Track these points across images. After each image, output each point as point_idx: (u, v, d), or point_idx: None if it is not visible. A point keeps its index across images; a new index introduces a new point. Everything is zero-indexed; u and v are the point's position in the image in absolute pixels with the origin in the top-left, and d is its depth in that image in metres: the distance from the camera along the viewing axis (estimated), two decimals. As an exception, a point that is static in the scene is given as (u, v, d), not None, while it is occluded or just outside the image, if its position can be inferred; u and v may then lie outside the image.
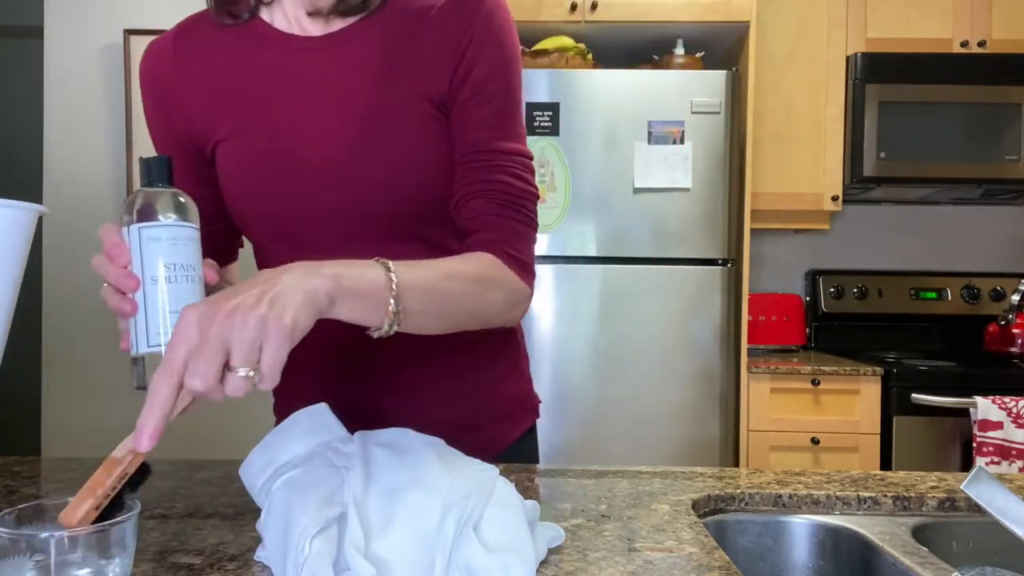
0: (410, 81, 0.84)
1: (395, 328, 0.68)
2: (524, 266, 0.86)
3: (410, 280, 0.69)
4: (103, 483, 0.55)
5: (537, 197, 0.89)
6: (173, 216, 0.66)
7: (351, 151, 0.84)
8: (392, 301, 0.66)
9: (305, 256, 0.88)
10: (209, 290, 0.69)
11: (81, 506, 0.54)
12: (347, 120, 0.84)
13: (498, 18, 0.86)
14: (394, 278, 0.67)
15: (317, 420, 0.72)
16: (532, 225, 0.87)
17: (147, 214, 0.65)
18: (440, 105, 0.86)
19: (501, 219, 0.85)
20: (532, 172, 0.88)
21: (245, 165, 0.86)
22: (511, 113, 0.88)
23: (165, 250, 0.65)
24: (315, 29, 0.86)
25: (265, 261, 0.96)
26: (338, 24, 0.86)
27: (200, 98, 0.88)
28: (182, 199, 0.67)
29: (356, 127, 0.84)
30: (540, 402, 1.06)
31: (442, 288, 0.74)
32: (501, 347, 0.99)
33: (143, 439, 0.53)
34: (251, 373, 0.55)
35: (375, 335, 0.68)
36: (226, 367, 0.54)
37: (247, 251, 1.00)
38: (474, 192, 0.85)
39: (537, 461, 1.04)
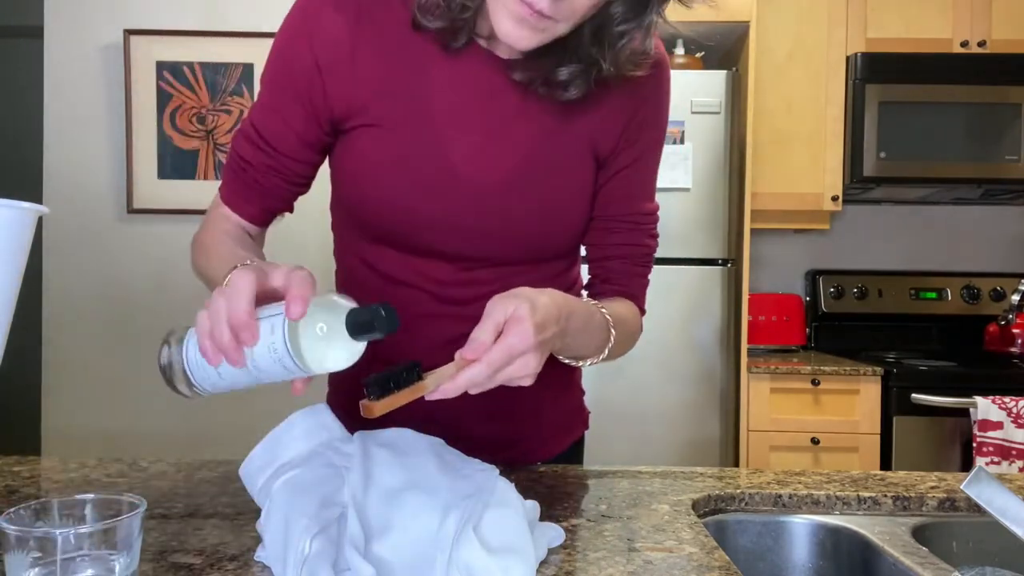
0: (583, 130, 0.86)
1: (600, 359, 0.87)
2: (642, 312, 0.99)
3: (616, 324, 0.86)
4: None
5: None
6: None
7: (507, 180, 0.83)
8: (611, 339, 0.85)
9: (398, 262, 0.88)
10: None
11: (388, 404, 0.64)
12: (513, 148, 0.83)
13: (668, 85, 0.91)
14: (613, 331, 0.86)
15: (317, 420, 0.72)
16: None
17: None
18: (600, 159, 0.88)
19: (638, 279, 0.96)
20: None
21: (389, 158, 0.82)
22: (656, 175, 0.95)
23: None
24: (503, 51, 0.82)
25: (347, 255, 0.92)
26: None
27: (367, 71, 0.81)
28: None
29: (520, 158, 0.83)
30: (590, 413, 1.06)
31: (620, 333, 0.88)
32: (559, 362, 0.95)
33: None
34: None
35: (578, 364, 0.85)
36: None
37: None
38: (621, 254, 0.93)
39: None
